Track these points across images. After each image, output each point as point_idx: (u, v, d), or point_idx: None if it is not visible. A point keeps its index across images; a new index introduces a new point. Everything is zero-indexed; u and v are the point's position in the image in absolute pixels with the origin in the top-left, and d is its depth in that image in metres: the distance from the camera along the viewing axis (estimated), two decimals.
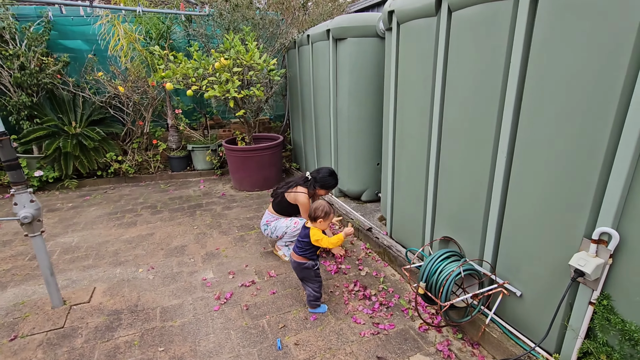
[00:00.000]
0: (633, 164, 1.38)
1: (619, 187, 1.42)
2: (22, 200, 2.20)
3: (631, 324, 1.48)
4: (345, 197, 4.21)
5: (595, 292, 1.59)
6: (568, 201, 1.62)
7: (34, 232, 2.28)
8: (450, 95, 2.20)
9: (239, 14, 4.69)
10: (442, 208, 2.45)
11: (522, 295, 1.93)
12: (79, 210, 4.31)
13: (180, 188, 5.13)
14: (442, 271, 2.01)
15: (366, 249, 3.24)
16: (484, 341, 2.07)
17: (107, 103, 5.19)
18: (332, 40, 3.66)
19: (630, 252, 1.47)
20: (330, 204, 2.35)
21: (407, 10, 2.43)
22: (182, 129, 5.53)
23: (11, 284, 2.75)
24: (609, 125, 1.41)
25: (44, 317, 2.35)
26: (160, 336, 2.19)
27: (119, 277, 2.84)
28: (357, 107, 3.67)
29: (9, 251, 3.28)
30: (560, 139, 1.60)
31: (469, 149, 2.12)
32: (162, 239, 3.50)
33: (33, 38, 4.72)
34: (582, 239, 1.59)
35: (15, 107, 4.65)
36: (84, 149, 4.94)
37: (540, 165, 1.71)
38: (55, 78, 4.82)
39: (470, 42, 1.98)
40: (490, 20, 1.83)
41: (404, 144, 2.80)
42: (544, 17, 1.59)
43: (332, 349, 2.08)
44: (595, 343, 1.60)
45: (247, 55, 3.95)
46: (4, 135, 2.11)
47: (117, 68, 5.05)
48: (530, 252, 1.84)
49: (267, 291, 2.62)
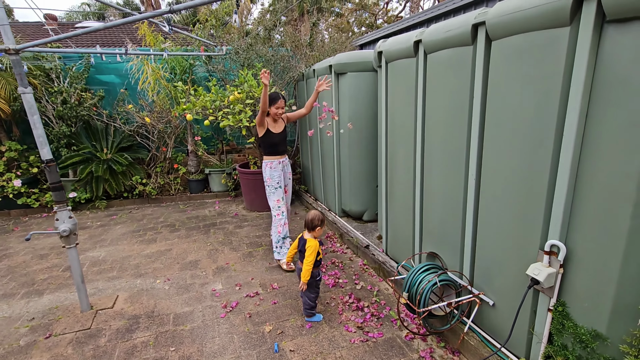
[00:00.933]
0: (571, 183, 1.61)
1: (561, 203, 1.65)
2: (62, 216, 2.59)
3: (582, 327, 1.66)
4: (348, 217, 4.46)
5: (552, 300, 1.77)
6: (525, 217, 1.84)
7: (70, 244, 2.66)
8: (429, 125, 2.49)
9: (253, 52, 5.21)
10: (428, 226, 2.69)
11: (494, 305, 2.11)
12: (106, 228, 4.74)
13: (197, 208, 5.53)
14: (422, 282, 2.23)
15: (363, 264, 3.45)
16: (463, 348, 2.23)
17: (135, 132, 5.77)
18: (334, 75, 4.06)
19: (577, 262, 1.67)
20: (322, 213, 2.64)
21: (392, 52, 2.79)
22: (201, 154, 6.01)
23: (47, 291, 3.13)
24: (549, 152, 1.66)
25: (74, 320, 2.69)
26: (172, 338, 2.47)
27: (139, 287, 3.17)
28: (357, 133, 4.00)
29: (45, 263, 3.70)
30: (513, 162, 1.85)
31: (445, 172, 2.38)
32: (179, 254, 3.84)
33: (75, 76, 5.40)
34: (538, 251, 1.80)
35: (57, 136, 5.26)
36: (113, 172, 5.47)
37: (501, 187, 1.95)
38: (91, 110, 5.44)
39: (442, 81, 2.29)
40: (457, 63, 2.15)
41: (394, 168, 3.07)
42: (496, 61, 1.89)
43: (324, 353, 2.29)
44: (554, 347, 1.76)
45: (258, 88, 4.40)
46: (52, 162, 2.54)
47: (145, 101, 5.64)
48: (499, 265, 2.05)
49: (269, 301, 2.88)
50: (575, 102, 1.54)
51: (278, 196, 3.45)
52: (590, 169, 1.55)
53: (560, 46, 1.56)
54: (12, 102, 5.01)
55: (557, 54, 1.57)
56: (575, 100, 1.54)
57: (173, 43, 5.87)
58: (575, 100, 1.54)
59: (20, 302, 2.97)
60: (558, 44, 1.56)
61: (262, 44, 5.61)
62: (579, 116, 1.53)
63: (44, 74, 5.29)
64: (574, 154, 1.57)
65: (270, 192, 3.47)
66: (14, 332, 2.57)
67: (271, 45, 5.64)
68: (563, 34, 1.54)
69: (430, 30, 2.32)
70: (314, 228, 2.57)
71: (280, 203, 3.45)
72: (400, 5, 19.52)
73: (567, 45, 1.53)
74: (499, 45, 1.86)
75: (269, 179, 3.45)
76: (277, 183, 3.46)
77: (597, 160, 1.52)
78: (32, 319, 2.73)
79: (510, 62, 1.80)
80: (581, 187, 1.59)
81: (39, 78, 5.19)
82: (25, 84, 2.39)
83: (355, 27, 18.57)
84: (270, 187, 3.46)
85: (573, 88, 1.55)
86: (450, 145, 2.30)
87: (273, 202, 3.47)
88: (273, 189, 3.45)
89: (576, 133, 1.55)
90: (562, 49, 1.55)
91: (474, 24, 1.94)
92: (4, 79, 4.88)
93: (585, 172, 1.57)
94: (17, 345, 2.43)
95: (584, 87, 1.50)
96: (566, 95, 1.58)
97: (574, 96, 1.54)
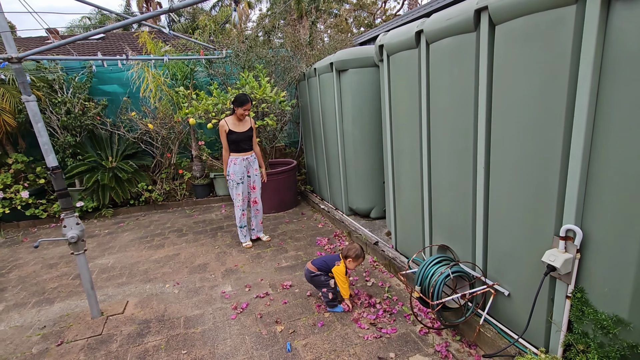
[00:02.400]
0: (585, 166, 1.57)
1: (575, 187, 1.61)
2: (69, 223, 2.59)
3: (602, 313, 1.61)
4: (356, 215, 4.43)
5: (570, 286, 1.73)
6: (537, 203, 1.80)
7: (79, 250, 2.66)
8: (434, 116, 2.46)
9: (253, 54, 5.22)
10: (437, 219, 2.65)
11: (510, 295, 2.06)
12: (114, 235, 4.75)
13: (203, 213, 5.53)
14: (434, 274, 2.19)
15: (373, 261, 3.42)
16: (479, 341, 2.18)
17: (139, 139, 5.79)
18: (335, 72, 4.04)
19: (594, 246, 1.62)
20: (362, 250, 2.66)
21: (393, 44, 2.76)
22: (205, 159, 6.01)
23: (58, 300, 3.13)
24: (560, 135, 1.62)
25: (85, 326, 2.68)
26: (184, 341, 2.45)
27: (149, 292, 3.16)
28: (361, 130, 3.97)
29: (55, 272, 3.71)
30: (522, 148, 1.81)
31: (453, 164, 2.34)
32: (187, 258, 3.83)
33: (78, 86, 5.43)
34: (552, 237, 1.76)
35: (62, 146, 5.29)
36: (119, 180, 5.49)
37: (512, 174, 1.91)
38: (95, 119, 5.48)
39: (446, 70, 2.26)
40: (460, 51, 2.12)
41: (400, 162, 3.04)
42: (500, 46, 1.86)
43: (337, 351, 2.26)
44: (574, 335, 1.71)
45: (259, 89, 4.40)
46: (57, 169, 2.54)
47: (147, 108, 5.66)
48: (513, 254, 2.00)
49: (280, 301, 2.85)
50: (585, 82, 1.50)
51: (239, 190, 3.84)
52: (604, 150, 1.50)
53: (567, 26, 1.52)
54: (17, 115, 5.05)
55: (564, 34, 1.53)
56: (585, 80, 1.50)
57: (174, 49, 5.89)
58: (585, 80, 1.50)
59: (31, 311, 2.97)
60: (564, 23, 1.53)
61: (262, 47, 5.62)
62: (590, 96, 1.49)
63: (47, 85, 5.34)
64: (585, 136, 1.53)
65: (232, 186, 3.86)
66: (26, 341, 2.56)
67: (271, 47, 5.65)
68: (569, 12, 1.50)
69: (431, 20, 2.29)
70: (345, 258, 2.63)
71: (240, 197, 3.86)
72: (398, 4, 19.53)
73: (574, 24, 1.50)
74: (503, 30, 1.83)
75: (232, 174, 3.80)
76: (240, 179, 3.81)
77: (610, 141, 1.48)
78: (43, 327, 2.72)
79: (516, 45, 1.76)
80: (595, 169, 1.55)
81: (43, 89, 5.24)
82: (28, 92, 2.40)
83: (354, 27, 18.59)
84: (232, 182, 3.84)
85: (582, 68, 1.51)
86: (456, 136, 2.26)
87: (234, 195, 3.90)
88: (235, 183, 3.82)
89: (587, 114, 1.51)
90: (568, 29, 1.52)
91: (476, 9, 1.91)
92: (8, 92, 4.93)
93: (598, 153, 1.52)
94: (29, 353, 2.43)
95: (594, 66, 1.46)
96: (575, 76, 1.54)
97: (584, 76, 1.50)
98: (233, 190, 3.87)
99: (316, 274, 2.67)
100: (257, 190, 4.02)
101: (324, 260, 2.71)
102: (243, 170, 3.81)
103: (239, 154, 3.79)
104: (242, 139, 3.75)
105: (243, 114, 3.67)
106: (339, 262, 2.65)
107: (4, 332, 2.69)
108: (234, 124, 3.72)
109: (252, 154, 3.91)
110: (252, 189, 3.98)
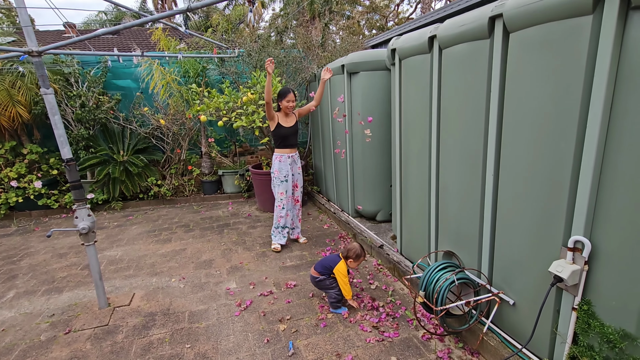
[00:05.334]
0: (596, 177, 1.56)
1: (585, 198, 1.60)
2: (81, 214, 2.65)
3: (609, 327, 1.59)
4: (361, 218, 4.43)
5: (577, 298, 1.71)
6: (546, 213, 1.79)
7: (89, 241, 2.71)
8: (444, 122, 2.45)
9: (265, 54, 5.26)
10: (444, 225, 2.64)
11: (515, 304, 2.05)
12: (122, 228, 4.83)
13: (210, 209, 5.59)
14: (439, 280, 2.18)
15: (377, 265, 3.42)
16: (482, 349, 2.17)
17: (150, 134, 5.88)
18: (346, 74, 4.05)
19: (603, 259, 1.60)
20: (362, 248, 2.67)
21: (406, 48, 2.76)
22: (214, 156, 6.08)
23: (66, 289, 3.19)
24: (572, 145, 1.61)
25: (92, 316, 2.74)
26: (188, 335, 2.48)
27: (155, 285, 3.21)
28: (370, 133, 3.97)
29: (64, 262, 3.78)
30: (533, 157, 1.80)
31: (462, 170, 2.34)
32: (193, 253, 3.88)
33: (92, 80, 5.54)
34: (560, 248, 1.74)
35: (75, 139, 5.40)
36: (129, 174, 5.57)
37: (521, 182, 1.90)
38: (108, 113, 5.57)
39: (458, 76, 2.26)
40: (473, 57, 2.11)
41: (409, 166, 3.04)
42: (514, 53, 1.85)
43: (339, 352, 2.27)
44: (579, 347, 1.70)
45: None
46: (71, 161, 2.60)
47: (159, 103, 5.74)
48: (520, 263, 1.99)
49: (283, 300, 2.87)
50: (599, 92, 1.49)
51: (283, 189, 3.66)
52: (616, 161, 1.49)
53: (582, 35, 1.51)
54: (33, 107, 5.16)
55: (580, 43, 1.53)
56: (599, 91, 1.49)
57: (187, 47, 5.97)
58: (599, 90, 1.49)
59: (40, 299, 3.04)
60: (580, 33, 1.52)
61: (274, 47, 5.66)
62: (604, 107, 1.48)
63: (63, 78, 5.45)
64: (598, 146, 1.52)
65: (276, 184, 3.69)
66: (35, 328, 2.62)
67: (283, 47, 5.68)
68: (585, 22, 1.49)
69: (445, 25, 2.29)
70: (347, 258, 2.64)
71: (284, 196, 3.67)
72: (411, 7, 19.46)
73: (590, 34, 1.49)
74: (517, 38, 1.82)
75: (277, 171, 3.65)
76: (284, 176, 3.65)
77: (622, 152, 1.46)
78: (52, 315, 2.78)
79: (529, 54, 1.75)
80: (606, 181, 1.53)
81: (59, 82, 5.35)
82: (47, 85, 2.46)
83: (366, 30, 18.57)
84: (276, 179, 3.67)
85: (597, 79, 1.50)
86: (466, 142, 2.26)
87: (277, 194, 3.72)
88: (279, 181, 3.66)
89: (600, 124, 1.50)
90: (584, 38, 1.51)
91: (490, 16, 1.91)
92: (24, 85, 5.04)
93: (610, 165, 1.51)
94: (38, 340, 2.49)
95: (609, 77, 1.45)
96: (589, 86, 1.53)
97: (598, 87, 1.49)
98: (277, 188, 3.71)
99: (320, 278, 2.69)
100: (299, 189, 3.90)
101: (322, 265, 2.71)
102: (288, 168, 3.66)
103: (285, 151, 3.64)
104: (290, 133, 3.62)
105: (287, 106, 3.52)
106: (340, 261, 2.65)
107: (14, 319, 2.76)
108: (283, 119, 3.61)
109: (297, 151, 3.79)
110: (295, 187, 3.85)
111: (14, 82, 5.00)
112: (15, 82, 5.01)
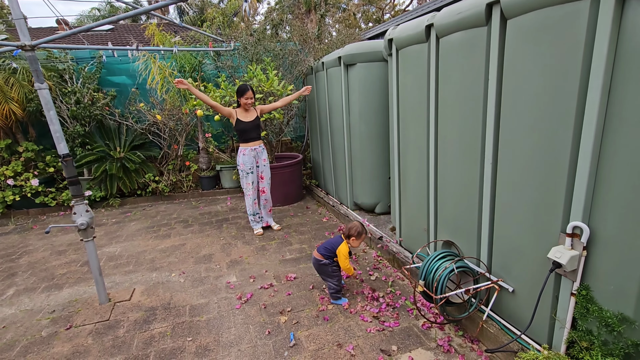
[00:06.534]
0: (594, 163, 1.56)
1: (583, 184, 1.60)
2: (79, 210, 2.63)
3: (607, 311, 1.60)
4: (360, 210, 4.44)
5: (575, 284, 1.72)
6: (544, 200, 1.79)
7: (88, 237, 2.70)
8: (442, 111, 2.45)
9: (261, 47, 5.22)
10: (442, 214, 2.65)
11: (514, 291, 2.06)
12: (121, 225, 4.82)
13: (209, 205, 5.58)
14: (438, 269, 2.19)
15: (377, 256, 3.43)
16: (482, 337, 2.19)
17: (146, 130, 5.84)
18: (343, 66, 4.03)
19: (601, 244, 1.61)
20: (362, 226, 2.67)
21: (403, 38, 2.75)
22: (212, 151, 6.05)
23: (66, 285, 3.19)
24: (569, 131, 1.61)
25: (93, 312, 2.74)
26: (189, 329, 2.49)
27: (155, 280, 3.21)
28: (367, 125, 3.96)
29: (64, 259, 3.78)
30: (531, 144, 1.80)
31: (460, 159, 2.34)
32: (193, 248, 3.88)
33: (87, 77, 5.49)
34: (559, 234, 1.75)
35: (71, 136, 5.36)
36: (127, 171, 5.54)
37: (519, 170, 1.90)
38: (104, 110, 5.53)
39: (455, 64, 2.25)
40: (471, 45, 2.10)
41: (407, 157, 3.03)
42: (511, 40, 1.84)
43: (340, 342, 2.28)
44: (578, 332, 1.71)
45: (267, 82, 4.40)
46: (68, 156, 2.58)
47: (155, 99, 5.70)
48: (519, 250, 2.00)
49: (284, 293, 2.88)
50: (597, 78, 1.48)
51: (249, 180, 3.97)
52: (613, 147, 1.49)
53: (580, 20, 1.50)
54: (27, 104, 5.11)
55: (577, 28, 1.52)
56: (597, 76, 1.48)
57: (182, 41, 5.91)
58: (597, 76, 1.48)
59: (41, 295, 3.04)
60: (578, 17, 1.51)
61: (269, 40, 5.61)
62: (602, 92, 1.48)
63: (58, 75, 5.39)
64: (596, 132, 1.52)
65: (242, 176, 3.99)
66: (36, 324, 2.63)
67: (279, 40, 5.63)
68: (583, 6, 1.48)
69: (442, 14, 2.28)
70: (348, 237, 2.64)
71: (250, 187, 3.99)
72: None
73: (587, 18, 1.48)
74: (514, 24, 1.81)
75: (242, 164, 3.92)
76: (249, 169, 3.92)
77: (620, 138, 1.46)
78: (52, 311, 2.78)
79: (527, 40, 1.74)
80: (604, 166, 1.54)
81: (53, 79, 5.29)
82: (41, 80, 2.43)
83: (362, 22, 18.44)
84: (242, 172, 3.96)
85: (595, 64, 1.49)
86: (465, 130, 2.25)
87: (244, 185, 4.03)
88: (245, 173, 3.95)
89: (598, 110, 1.49)
90: (582, 23, 1.50)
91: (488, 3, 1.89)
92: (17, 82, 4.98)
93: (608, 150, 1.51)
94: (39, 336, 2.49)
95: (606, 62, 1.44)
96: (587, 71, 1.52)
97: (596, 72, 1.49)
98: (243, 180, 4.00)
99: (323, 262, 2.66)
100: (265, 180, 4.10)
101: (325, 247, 2.69)
102: (252, 160, 3.91)
103: (247, 144, 3.88)
104: (250, 127, 3.83)
105: (246, 102, 3.76)
106: (342, 242, 2.65)
107: (15, 316, 2.76)
108: (242, 114, 3.84)
109: (261, 144, 4.01)
110: (261, 178, 4.07)
111: (7, 78, 4.94)
112: (8, 79, 4.95)
